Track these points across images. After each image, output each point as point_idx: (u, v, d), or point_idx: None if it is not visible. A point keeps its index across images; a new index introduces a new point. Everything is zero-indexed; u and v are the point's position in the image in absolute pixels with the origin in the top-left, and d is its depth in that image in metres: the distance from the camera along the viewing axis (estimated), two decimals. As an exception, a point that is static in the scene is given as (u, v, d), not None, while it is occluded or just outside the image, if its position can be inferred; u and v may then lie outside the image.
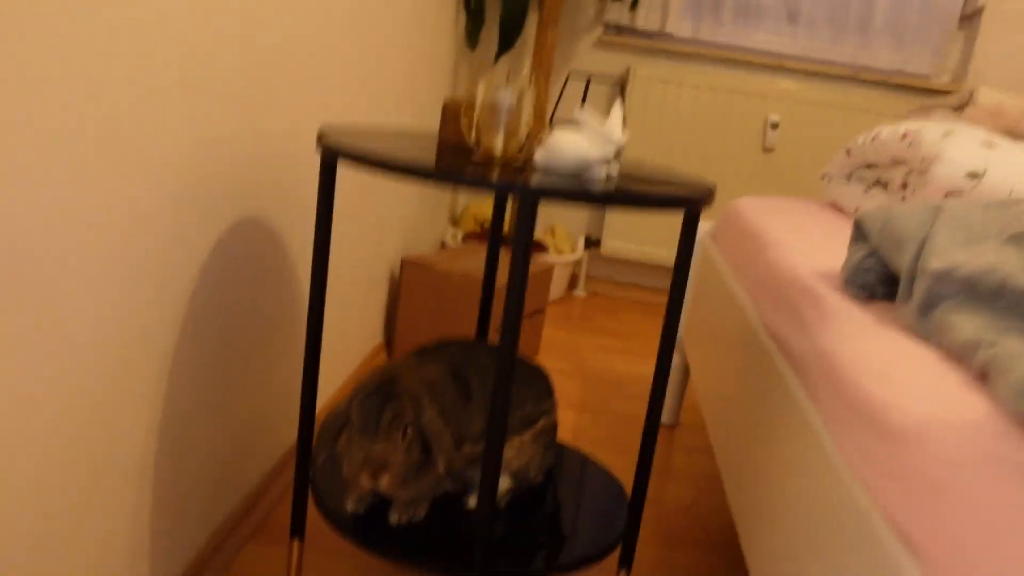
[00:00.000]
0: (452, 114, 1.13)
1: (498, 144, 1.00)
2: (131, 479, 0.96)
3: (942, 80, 3.10)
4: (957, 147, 1.31)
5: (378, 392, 1.01)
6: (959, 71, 3.10)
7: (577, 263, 3.18)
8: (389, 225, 2.11)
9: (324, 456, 1.03)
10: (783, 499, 0.94)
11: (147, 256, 0.92)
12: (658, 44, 3.02)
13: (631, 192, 0.93)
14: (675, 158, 3.05)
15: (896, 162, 1.52)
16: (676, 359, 2.04)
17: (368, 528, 1.06)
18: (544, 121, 1.04)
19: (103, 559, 0.92)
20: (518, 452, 1.13)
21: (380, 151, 0.93)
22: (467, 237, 2.92)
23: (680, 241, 1.12)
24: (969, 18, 3.09)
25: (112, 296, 0.86)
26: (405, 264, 2.16)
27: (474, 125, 1.02)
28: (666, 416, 2.08)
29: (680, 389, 2.05)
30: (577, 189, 0.89)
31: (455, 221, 3.13)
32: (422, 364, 1.08)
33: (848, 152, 1.70)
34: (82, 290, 0.80)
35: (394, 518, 1.08)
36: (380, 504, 1.12)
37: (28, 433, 0.76)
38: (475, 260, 2.31)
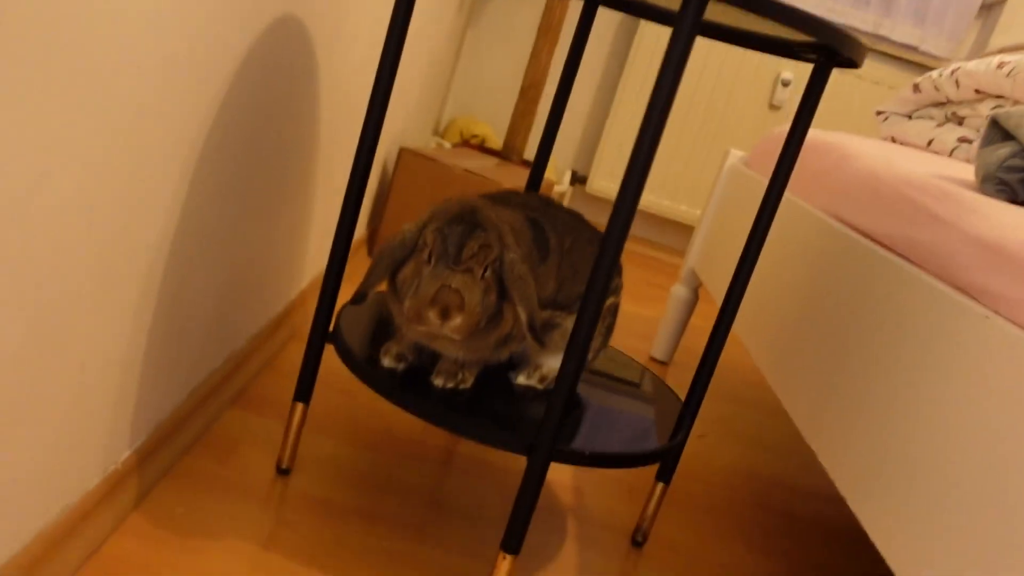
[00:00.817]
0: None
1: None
2: (134, 296, 0.76)
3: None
4: (1079, 72, 1.19)
5: (461, 219, 0.83)
6: (971, 58, 3.04)
7: (560, 197, 3.02)
8: (386, 116, 1.90)
9: (374, 288, 0.85)
10: (955, 414, 0.80)
11: (187, 43, 0.72)
12: (678, -21, 2.87)
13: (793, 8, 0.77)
14: (680, 105, 2.91)
15: (982, 95, 1.40)
16: (682, 292, 1.90)
17: (405, 388, 0.88)
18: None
19: (92, 384, 0.73)
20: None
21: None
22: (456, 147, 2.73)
23: (804, 98, 0.97)
24: (990, 7, 3.03)
25: (148, 77, 0.66)
26: (404, 153, 1.97)
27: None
28: (660, 352, 1.95)
29: (680, 325, 1.92)
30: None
31: (438, 133, 2.93)
32: (496, 205, 0.91)
33: (916, 88, 1.58)
34: (120, 54, 0.60)
35: (439, 382, 0.90)
36: (416, 369, 0.94)
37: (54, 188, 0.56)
38: (475, 161, 2.13)
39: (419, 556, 0.96)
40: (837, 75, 2.92)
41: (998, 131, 0.99)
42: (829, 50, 0.94)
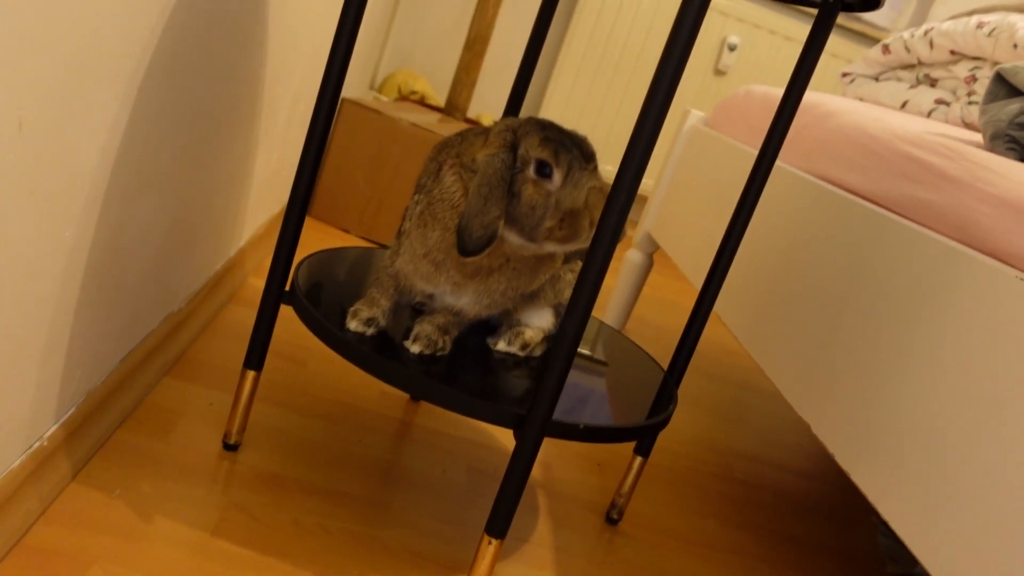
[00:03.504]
0: None
1: None
2: (68, 237, 0.64)
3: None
4: (1067, 33, 1.15)
5: (549, 124, 0.78)
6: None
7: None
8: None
9: (499, 221, 0.76)
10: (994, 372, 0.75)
11: None
12: (626, -64, 2.78)
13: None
14: (624, 64, 2.83)
15: (958, 56, 1.36)
16: (637, 257, 1.84)
17: (378, 356, 0.78)
18: None
19: (13, 345, 0.61)
20: (569, 284, 0.89)
21: None
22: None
23: (805, 50, 0.90)
24: (930, -22, 3.04)
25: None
26: (345, 104, 1.84)
27: None
28: (613, 319, 1.88)
29: (634, 292, 1.86)
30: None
31: (375, 87, 2.79)
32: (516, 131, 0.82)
33: (886, 48, 1.53)
34: None
35: (416, 348, 0.81)
36: (382, 335, 0.84)
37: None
38: (419, 115, 2.01)
39: (386, 539, 0.87)
40: (780, 42, 2.89)
41: (1004, 86, 0.94)
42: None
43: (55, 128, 0.57)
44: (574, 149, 0.76)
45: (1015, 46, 1.21)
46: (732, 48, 2.82)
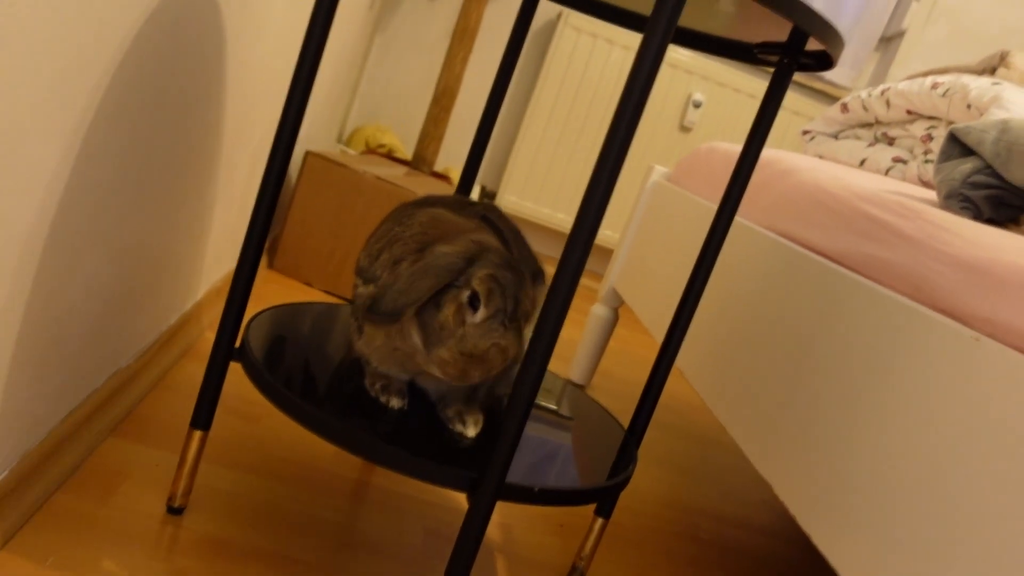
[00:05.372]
0: None
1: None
2: (1, 293, 0.62)
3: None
4: (1017, 92, 1.18)
5: (509, 265, 0.76)
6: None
7: (468, 213, 2.92)
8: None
9: (411, 307, 0.75)
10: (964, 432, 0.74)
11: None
12: (593, -5, 2.84)
13: None
14: (591, 118, 2.86)
15: (914, 116, 1.39)
16: (602, 312, 1.83)
17: (327, 417, 0.76)
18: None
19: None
20: (525, 342, 0.87)
21: None
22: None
23: (763, 107, 0.91)
24: (889, 40, 3.12)
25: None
26: (310, 157, 1.83)
27: None
28: (578, 375, 1.87)
29: (600, 346, 1.85)
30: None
31: (342, 141, 2.79)
32: (458, 214, 0.82)
33: (844, 107, 1.56)
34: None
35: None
36: (334, 395, 0.82)
37: None
38: (385, 168, 2.01)
39: (336, 607, 0.84)
40: (744, 100, 2.94)
41: (957, 146, 0.95)
42: (795, 46, 0.87)
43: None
44: (511, 303, 0.75)
45: (968, 106, 1.23)
46: (697, 105, 2.86)
